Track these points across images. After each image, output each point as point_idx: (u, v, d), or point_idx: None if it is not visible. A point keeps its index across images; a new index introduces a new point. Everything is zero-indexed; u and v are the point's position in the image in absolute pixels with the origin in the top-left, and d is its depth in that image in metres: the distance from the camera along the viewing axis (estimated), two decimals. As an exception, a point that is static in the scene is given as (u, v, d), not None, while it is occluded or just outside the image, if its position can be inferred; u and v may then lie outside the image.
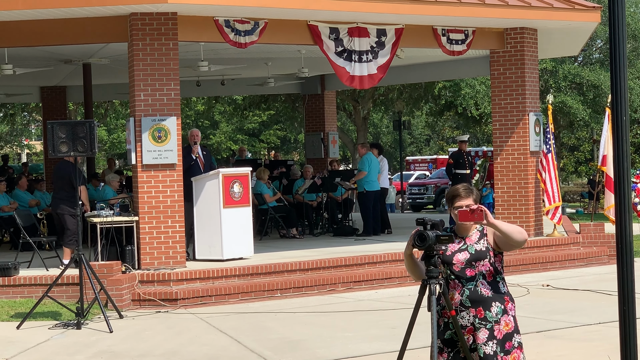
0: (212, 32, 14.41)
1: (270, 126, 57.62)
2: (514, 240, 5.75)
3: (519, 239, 5.75)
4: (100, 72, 20.48)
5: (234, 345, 10.28)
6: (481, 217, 5.65)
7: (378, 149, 20.11)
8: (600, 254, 16.98)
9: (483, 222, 5.69)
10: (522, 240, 5.77)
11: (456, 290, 5.84)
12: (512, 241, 5.76)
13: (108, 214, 14.14)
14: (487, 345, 5.79)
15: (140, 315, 12.42)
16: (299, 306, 12.88)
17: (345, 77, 15.56)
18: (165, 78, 13.97)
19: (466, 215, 5.72)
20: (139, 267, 13.90)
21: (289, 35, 15.29)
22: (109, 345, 10.43)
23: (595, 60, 32.94)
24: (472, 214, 5.68)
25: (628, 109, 5.81)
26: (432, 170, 43.59)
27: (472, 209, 5.68)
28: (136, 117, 13.98)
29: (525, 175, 17.34)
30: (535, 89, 17.78)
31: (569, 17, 16.76)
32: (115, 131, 56.90)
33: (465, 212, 5.73)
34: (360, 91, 32.79)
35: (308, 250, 16.15)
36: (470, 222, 5.75)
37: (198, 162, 15.39)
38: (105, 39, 14.96)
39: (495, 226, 5.71)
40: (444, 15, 15.62)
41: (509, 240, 5.76)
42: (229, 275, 13.75)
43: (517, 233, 5.76)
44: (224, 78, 22.61)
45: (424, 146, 70.07)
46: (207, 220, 14.56)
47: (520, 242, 5.77)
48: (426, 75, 23.40)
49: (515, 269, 15.62)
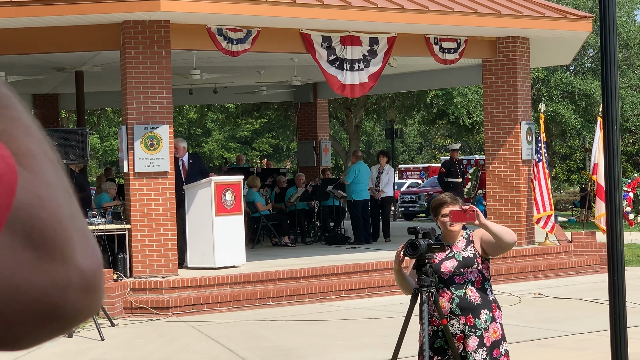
0: (204, 40, 14.42)
1: (263, 134, 57.66)
2: (504, 242, 5.72)
3: (509, 240, 5.74)
4: (93, 79, 20.47)
5: (225, 354, 10.27)
6: (473, 218, 5.64)
7: (386, 157, 20.55)
8: (592, 263, 17.00)
9: (475, 222, 5.67)
10: (512, 242, 5.76)
11: (445, 298, 5.84)
12: (502, 243, 5.72)
13: (100, 222, 14.12)
14: (477, 352, 5.80)
15: (132, 324, 12.39)
16: (291, 314, 12.87)
17: (336, 86, 15.59)
18: (157, 86, 13.98)
19: (459, 215, 5.70)
20: (131, 274, 13.88)
21: (282, 44, 15.31)
22: (101, 354, 10.41)
23: (587, 70, 33.03)
24: (464, 214, 5.67)
25: (619, 118, 5.83)
26: (424, 178, 43.61)
27: (465, 209, 5.67)
28: (128, 125, 13.98)
29: (517, 183, 17.37)
30: (527, 98, 17.81)
31: (561, 27, 16.81)
32: (108, 139, 56.85)
33: (457, 213, 5.71)
34: (352, 99, 32.82)
35: (300, 258, 16.15)
36: (463, 222, 5.74)
37: (180, 169, 15.21)
38: (98, 47, 14.96)
39: (487, 227, 5.70)
40: (436, 24, 15.65)
41: (499, 242, 5.73)
42: (221, 284, 13.73)
43: (507, 234, 5.75)
44: (217, 86, 22.62)
45: (416, 154, 70.14)
46: (200, 228, 14.55)
47: (510, 243, 5.76)
48: (418, 83, 23.44)
49: (507, 278, 15.63)
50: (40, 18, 13.54)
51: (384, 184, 20.13)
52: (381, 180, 20.17)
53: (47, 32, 14.17)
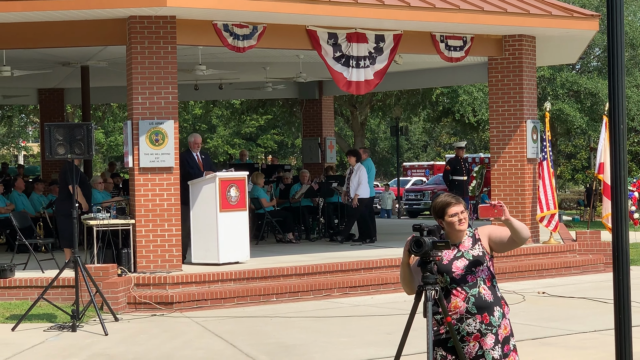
0: (210, 36, 14.42)
1: (268, 130, 57.67)
2: (521, 238, 5.81)
3: (526, 236, 5.83)
4: (98, 74, 20.48)
5: (229, 350, 10.28)
6: (500, 213, 5.74)
7: (356, 157, 18.50)
8: (597, 262, 16.97)
9: (502, 218, 5.75)
10: (527, 238, 5.86)
11: (460, 297, 5.81)
12: (520, 239, 5.81)
13: (105, 217, 14.12)
14: (494, 350, 5.80)
15: (135, 319, 12.40)
16: (295, 311, 12.88)
17: (342, 83, 15.58)
18: (163, 81, 13.98)
19: (488, 210, 5.80)
20: (135, 270, 13.89)
21: (288, 40, 15.30)
22: (104, 348, 10.42)
23: (593, 68, 32.99)
24: (493, 209, 5.77)
25: (625, 117, 5.82)
26: (429, 176, 43.63)
27: (493, 204, 5.76)
28: (134, 120, 13.98)
29: (522, 182, 17.35)
30: (533, 96, 17.79)
31: (568, 25, 16.78)
32: (113, 134, 56.94)
33: (487, 208, 5.81)
34: (358, 97, 32.81)
35: (304, 255, 16.16)
36: (491, 217, 5.80)
37: (200, 167, 15.33)
38: (104, 42, 14.96)
39: (511, 222, 5.77)
40: (442, 21, 15.63)
41: (517, 238, 5.81)
42: (225, 280, 13.74)
43: (525, 230, 5.84)
44: (222, 82, 22.62)
45: (421, 152, 70.13)
46: (204, 224, 14.55)
47: (525, 239, 5.85)
48: (424, 81, 23.43)
49: (511, 276, 15.62)
50: (46, 12, 13.54)
51: (354, 187, 18.08)
52: (351, 182, 18.26)
53: (53, 27, 14.17)
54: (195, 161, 15.18)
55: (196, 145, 15.36)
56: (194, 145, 15.33)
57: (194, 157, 15.25)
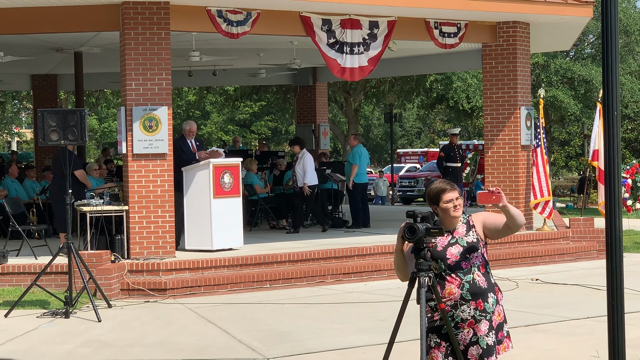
0: (204, 22, 14.37)
1: (262, 117, 57.63)
2: (517, 225, 5.82)
3: (522, 222, 5.84)
4: (92, 60, 20.41)
5: (222, 336, 10.28)
6: (499, 199, 5.77)
7: (299, 145, 17.96)
8: (590, 249, 17.00)
9: (499, 204, 5.77)
10: (522, 224, 5.89)
11: (454, 284, 5.82)
12: (515, 225, 5.83)
13: (98, 203, 14.10)
14: (488, 336, 5.82)
15: (129, 305, 12.40)
16: (288, 297, 12.88)
17: (336, 69, 15.56)
18: (156, 67, 13.94)
19: (487, 196, 5.84)
20: (129, 256, 13.88)
21: (282, 27, 15.26)
22: (97, 335, 10.42)
23: (586, 55, 33.01)
24: (491, 195, 5.81)
25: (619, 104, 5.82)
26: (422, 163, 43.63)
27: (491, 191, 5.79)
28: (127, 106, 13.95)
29: (516, 169, 17.37)
30: (527, 83, 17.79)
31: (562, 12, 16.76)
32: (106, 120, 56.87)
33: (486, 194, 5.85)
34: (351, 83, 32.79)
35: (298, 241, 16.15)
36: (490, 203, 5.82)
37: (194, 154, 15.31)
38: (97, 28, 14.89)
39: (508, 208, 5.79)
40: (436, 8, 15.61)
41: (512, 224, 5.82)
42: (218, 266, 13.74)
43: (521, 217, 5.86)
44: (216, 68, 22.58)
45: (415, 139, 70.14)
46: (197, 211, 14.54)
47: (520, 226, 5.87)
48: (418, 68, 23.39)
49: (505, 263, 15.65)
50: (39, -2, 13.48)
51: (301, 176, 17.66)
52: (296, 171, 17.79)
53: (46, 12, 14.11)
54: (189, 148, 15.18)
55: (191, 133, 15.36)
56: (189, 133, 15.32)
57: (188, 144, 15.24)
